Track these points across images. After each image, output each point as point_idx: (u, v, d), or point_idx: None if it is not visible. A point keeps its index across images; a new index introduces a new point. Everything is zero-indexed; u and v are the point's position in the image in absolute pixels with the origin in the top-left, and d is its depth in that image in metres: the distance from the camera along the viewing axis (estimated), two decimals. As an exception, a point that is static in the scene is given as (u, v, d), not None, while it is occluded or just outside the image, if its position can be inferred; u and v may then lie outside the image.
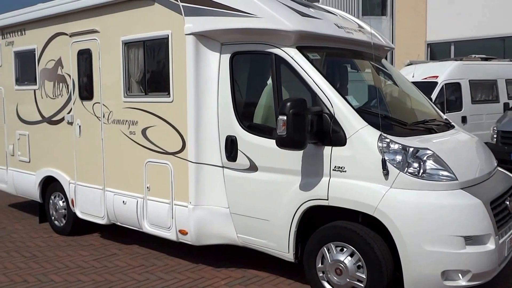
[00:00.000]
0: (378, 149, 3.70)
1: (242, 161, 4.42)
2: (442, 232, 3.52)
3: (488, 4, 16.97)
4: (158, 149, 4.97)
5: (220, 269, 5.02)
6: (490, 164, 4.33)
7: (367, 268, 3.75)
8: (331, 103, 3.89)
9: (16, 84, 6.84)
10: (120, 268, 5.14)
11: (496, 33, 16.60)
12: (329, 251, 3.97)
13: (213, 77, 4.59)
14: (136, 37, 5.06)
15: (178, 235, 4.88)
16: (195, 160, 4.65)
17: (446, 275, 3.56)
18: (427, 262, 3.54)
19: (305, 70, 4.05)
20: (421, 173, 3.65)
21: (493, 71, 11.56)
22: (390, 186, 3.64)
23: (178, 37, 4.65)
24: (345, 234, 3.87)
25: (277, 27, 4.09)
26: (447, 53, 17.88)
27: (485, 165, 4.21)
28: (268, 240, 4.36)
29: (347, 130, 3.82)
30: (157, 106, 4.93)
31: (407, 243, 3.56)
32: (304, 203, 4.04)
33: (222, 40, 4.53)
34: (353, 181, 3.78)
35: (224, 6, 4.34)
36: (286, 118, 3.66)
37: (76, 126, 5.90)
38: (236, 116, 4.45)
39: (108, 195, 5.57)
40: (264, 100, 4.44)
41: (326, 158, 3.91)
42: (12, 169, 7.08)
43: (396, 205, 3.60)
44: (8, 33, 6.89)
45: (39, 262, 5.38)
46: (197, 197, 4.69)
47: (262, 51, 4.33)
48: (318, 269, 4.07)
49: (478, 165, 4.11)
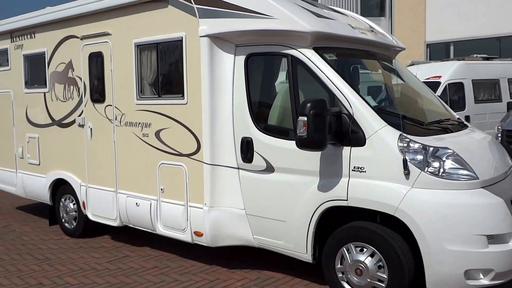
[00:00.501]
0: (399, 149, 3.71)
1: (258, 162, 4.43)
2: (464, 231, 3.54)
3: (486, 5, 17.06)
4: (172, 151, 4.98)
5: (234, 270, 5.03)
6: (506, 163, 4.35)
7: (389, 268, 3.77)
8: (350, 104, 3.91)
9: (26, 87, 6.83)
10: (134, 270, 5.14)
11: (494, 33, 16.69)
12: (348, 251, 3.98)
13: (228, 79, 4.60)
14: (149, 40, 5.07)
15: (193, 237, 4.88)
16: (210, 161, 4.66)
17: (469, 274, 3.58)
18: (449, 262, 3.55)
19: (323, 71, 4.07)
20: (441, 173, 3.66)
21: (495, 71, 11.62)
22: (411, 185, 3.66)
23: (192, 39, 4.66)
24: (365, 235, 3.88)
25: (294, 28, 4.10)
26: (447, 53, 17.96)
27: (501, 164, 4.23)
28: (285, 241, 4.37)
29: (366, 130, 3.83)
30: (171, 108, 4.94)
31: (429, 243, 3.57)
32: (322, 204, 4.05)
33: (236, 41, 4.54)
34: (373, 181, 3.80)
35: (239, 7, 4.35)
36: (306, 119, 3.67)
37: (87, 129, 5.89)
38: (252, 118, 4.46)
39: (120, 197, 5.57)
40: (280, 101, 4.45)
41: (345, 159, 3.93)
42: (21, 171, 7.07)
43: (418, 205, 3.61)
44: (17, 37, 6.88)
45: (53, 264, 5.37)
46: (212, 198, 4.69)
47: (277, 52, 4.34)
48: (337, 269, 4.08)
49: (496, 164, 4.13)
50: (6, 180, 7.37)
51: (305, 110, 3.68)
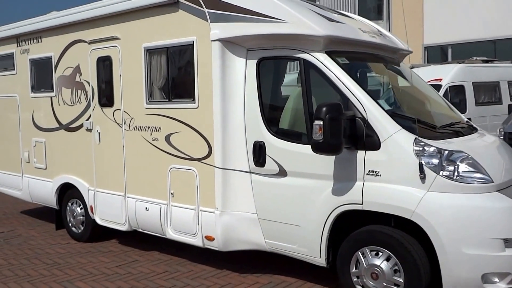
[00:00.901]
0: (414, 153, 3.73)
1: (271, 166, 4.43)
2: (481, 235, 3.55)
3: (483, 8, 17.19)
4: (183, 155, 4.97)
5: (245, 274, 5.02)
6: None
7: (405, 272, 3.77)
8: (364, 108, 3.92)
9: (32, 92, 6.81)
10: (145, 274, 5.12)
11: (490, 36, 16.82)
12: (364, 255, 3.98)
13: (239, 83, 4.60)
14: (159, 44, 5.07)
15: (204, 241, 4.87)
16: (222, 166, 4.65)
17: (486, 278, 3.59)
18: (467, 265, 3.56)
19: (336, 75, 4.08)
20: (456, 176, 3.68)
21: (495, 73, 11.69)
22: (427, 189, 3.67)
23: (204, 43, 4.67)
24: (380, 238, 3.89)
25: (307, 32, 4.12)
26: (444, 56, 18.06)
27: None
28: (299, 245, 4.37)
29: (381, 134, 3.85)
30: (182, 112, 4.94)
31: (446, 247, 3.58)
32: (337, 208, 4.06)
33: (248, 45, 4.55)
34: (388, 185, 3.81)
35: (252, 12, 4.36)
36: (322, 123, 3.68)
37: (95, 133, 5.88)
38: (264, 122, 4.47)
39: (129, 201, 5.56)
40: (292, 104, 4.47)
41: (359, 163, 3.94)
42: (27, 176, 7.04)
43: (435, 209, 3.62)
44: (24, 41, 6.87)
45: (62, 269, 5.36)
46: (224, 202, 4.69)
47: (290, 56, 4.35)
48: (352, 273, 4.08)
49: (507, 167, 4.14)
50: (11, 184, 7.35)
51: (321, 114, 3.69)
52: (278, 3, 4.26)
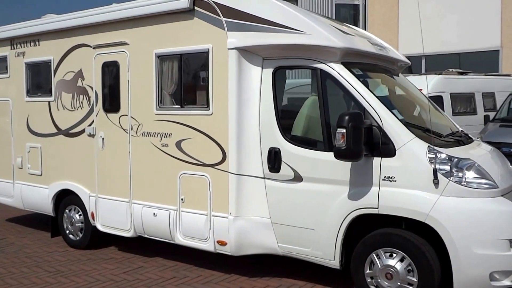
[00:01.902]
0: (428, 160, 3.95)
1: (286, 172, 4.57)
2: (490, 236, 3.80)
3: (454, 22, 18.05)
4: (195, 161, 5.04)
5: (255, 278, 5.12)
6: None
7: (419, 272, 3.98)
8: (380, 117, 4.12)
9: (27, 96, 6.70)
10: (154, 280, 5.14)
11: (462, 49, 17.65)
12: (378, 257, 4.17)
13: (255, 91, 4.73)
14: (171, 50, 5.13)
15: (216, 246, 4.94)
16: (236, 171, 4.75)
17: (493, 276, 3.83)
18: (477, 265, 3.80)
19: (352, 85, 4.27)
20: (465, 182, 3.92)
21: (470, 85, 12.26)
22: (440, 194, 3.90)
23: (220, 51, 4.77)
24: (395, 240, 4.08)
25: (326, 44, 4.30)
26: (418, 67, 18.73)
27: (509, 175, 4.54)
28: (313, 248, 4.52)
29: (396, 142, 4.06)
30: (195, 119, 5.01)
31: (458, 247, 3.81)
32: (352, 212, 4.24)
33: (264, 54, 4.69)
34: (403, 190, 4.01)
35: (270, 22, 4.50)
36: (345, 131, 3.85)
37: (98, 139, 5.86)
38: (280, 129, 4.61)
39: (135, 207, 5.56)
40: (307, 112, 4.62)
41: (375, 169, 4.13)
42: (19, 182, 6.90)
43: (447, 212, 3.85)
44: (19, 44, 6.76)
45: (67, 276, 5.30)
46: (237, 208, 4.79)
47: (306, 66, 4.52)
48: (366, 274, 4.25)
49: (506, 173, 4.44)
50: (1, 191, 7.16)
51: (344, 122, 3.87)
52: (298, 15, 4.42)
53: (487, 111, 12.27)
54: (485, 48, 18.31)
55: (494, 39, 18.46)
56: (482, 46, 18.23)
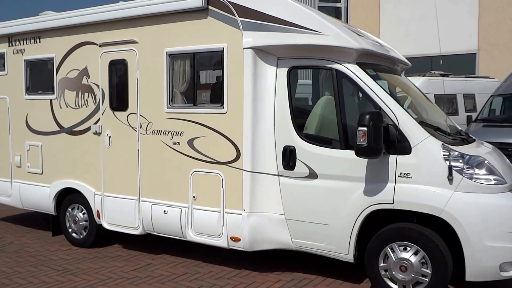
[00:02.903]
0: (443, 157, 4.13)
1: (301, 169, 4.69)
2: (501, 229, 4.01)
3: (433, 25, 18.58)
4: (208, 159, 5.10)
5: (266, 273, 5.22)
6: None
7: (432, 264, 4.15)
8: (396, 116, 4.28)
9: (27, 93, 6.61)
10: (166, 277, 5.17)
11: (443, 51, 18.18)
12: (393, 250, 4.33)
13: (270, 90, 4.82)
14: (183, 49, 5.17)
15: (229, 242, 5.02)
16: (250, 169, 4.84)
17: (502, 267, 4.04)
18: (488, 256, 4.01)
19: (368, 85, 4.42)
20: (477, 178, 4.12)
21: (452, 87, 12.69)
22: (454, 190, 4.08)
23: (234, 51, 4.84)
24: (409, 235, 4.25)
25: (344, 45, 4.43)
26: (398, 69, 19.16)
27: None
28: (327, 243, 4.65)
29: (412, 140, 4.22)
30: (208, 117, 5.07)
31: (471, 240, 4.00)
32: (368, 207, 4.38)
33: (279, 54, 4.79)
34: (418, 186, 4.18)
35: (287, 22, 4.60)
36: (366, 129, 3.99)
37: (105, 137, 5.84)
38: (295, 127, 4.72)
39: (144, 205, 5.57)
40: (321, 111, 4.75)
41: (391, 166, 4.29)
42: (18, 181, 6.80)
43: (461, 207, 4.04)
44: (18, 41, 6.66)
45: (77, 274, 5.27)
46: (251, 204, 4.87)
47: (322, 66, 4.64)
48: (380, 267, 4.41)
49: (510, 171, 4.66)
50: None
51: (365, 121, 4.01)
52: (316, 16, 4.54)
53: (468, 111, 12.72)
54: (462, 51, 18.93)
55: (471, 42, 19.10)
56: (460, 49, 18.84)
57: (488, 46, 18.99)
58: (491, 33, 18.85)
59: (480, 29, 19.12)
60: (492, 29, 18.84)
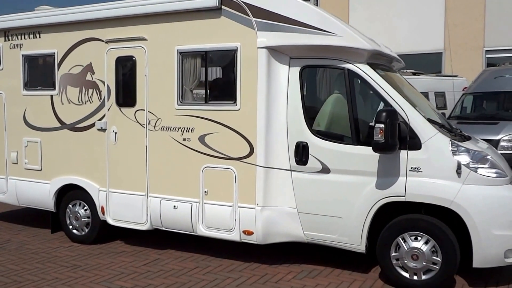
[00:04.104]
0: (451, 152, 4.43)
1: (314, 164, 4.89)
2: (506, 218, 4.34)
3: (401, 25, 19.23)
4: (220, 154, 5.22)
5: (275, 266, 5.40)
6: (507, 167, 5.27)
7: (442, 252, 4.45)
8: (406, 114, 4.54)
9: (25, 89, 6.51)
10: (179, 271, 5.27)
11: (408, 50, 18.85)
12: (404, 240, 4.60)
13: (282, 88, 5.00)
14: (195, 47, 5.26)
15: (241, 236, 5.17)
16: (264, 164, 5.00)
17: (506, 254, 4.38)
18: (495, 244, 4.33)
19: (379, 84, 4.66)
20: (482, 172, 4.44)
21: (424, 85, 13.20)
22: (463, 182, 4.39)
23: (248, 50, 4.98)
24: (422, 225, 4.53)
25: (357, 46, 4.65)
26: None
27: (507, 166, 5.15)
28: (339, 234, 4.87)
29: (422, 136, 4.50)
30: (221, 114, 5.18)
31: (479, 229, 4.32)
32: (380, 200, 4.63)
33: (292, 54, 4.97)
34: (428, 179, 4.47)
35: (302, 23, 4.78)
36: (384, 126, 4.23)
37: (110, 133, 5.85)
38: (307, 124, 4.91)
39: (152, 201, 5.64)
40: (332, 109, 4.96)
41: (402, 160, 4.55)
42: (14, 178, 6.69)
43: (470, 198, 4.35)
44: (15, 35, 6.54)
45: (88, 270, 5.29)
46: (265, 198, 5.04)
47: (334, 65, 4.85)
48: (392, 257, 4.67)
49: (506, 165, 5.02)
50: (-8, 187, 6.90)
51: (382, 118, 4.25)
52: (331, 18, 4.74)
53: (439, 109, 13.28)
54: (429, 50, 19.66)
55: (437, 41, 19.86)
56: (427, 48, 19.56)
57: (454, 45, 19.80)
58: (457, 33, 19.66)
59: (446, 29, 19.91)
60: (457, 29, 19.65)
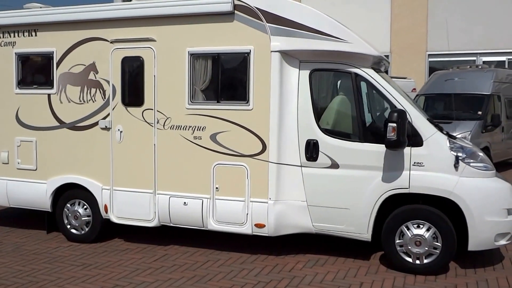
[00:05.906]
0: (449, 149, 4.97)
1: (323, 160, 5.27)
2: (496, 206, 4.95)
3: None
4: (232, 152, 5.47)
5: (282, 256, 5.73)
6: None
7: (442, 238, 4.98)
8: (409, 113, 5.03)
9: (18, 88, 6.38)
10: (192, 265, 5.45)
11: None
12: (408, 228, 5.10)
13: (293, 90, 5.34)
14: (207, 50, 5.47)
15: (253, 229, 5.45)
16: (276, 161, 5.32)
17: (495, 238, 4.99)
18: (487, 229, 4.93)
19: (384, 87, 5.13)
20: (474, 165, 5.02)
21: None
22: (460, 175, 4.94)
23: (261, 53, 5.27)
24: (423, 214, 5.04)
25: (365, 52, 5.09)
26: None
27: None
28: (347, 225, 5.29)
29: (423, 134, 5.01)
30: (233, 113, 5.43)
31: (475, 216, 4.89)
32: (386, 192, 5.10)
33: (301, 58, 5.32)
34: (430, 173, 4.99)
35: (314, 30, 5.14)
36: (396, 125, 4.69)
37: (116, 132, 5.91)
38: (317, 123, 5.29)
39: (161, 198, 5.77)
40: (340, 109, 5.36)
41: (406, 156, 5.04)
42: (5, 178, 6.52)
43: (466, 189, 4.92)
44: (7, 33, 6.38)
45: (102, 268, 5.34)
46: (277, 193, 5.35)
47: (342, 69, 5.26)
48: (397, 244, 5.15)
49: (487, 159, 5.68)
50: (-22, 188, 6.67)
51: (394, 118, 4.70)
52: (341, 26, 5.14)
53: (393, 109, 14.22)
54: (377, 53, 20.80)
55: (384, 45, 21.03)
56: (375, 51, 20.68)
57: (398, 49, 21.07)
58: (401, 37, 20.94)
59: (392, 33, 21.14)
60: (402, 33, 20.94)
